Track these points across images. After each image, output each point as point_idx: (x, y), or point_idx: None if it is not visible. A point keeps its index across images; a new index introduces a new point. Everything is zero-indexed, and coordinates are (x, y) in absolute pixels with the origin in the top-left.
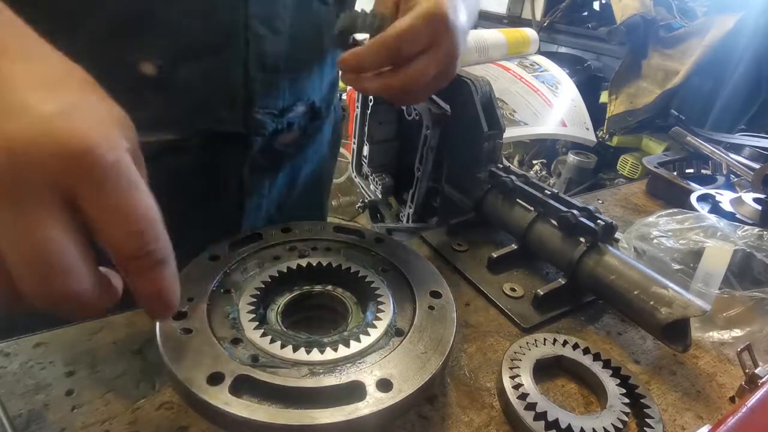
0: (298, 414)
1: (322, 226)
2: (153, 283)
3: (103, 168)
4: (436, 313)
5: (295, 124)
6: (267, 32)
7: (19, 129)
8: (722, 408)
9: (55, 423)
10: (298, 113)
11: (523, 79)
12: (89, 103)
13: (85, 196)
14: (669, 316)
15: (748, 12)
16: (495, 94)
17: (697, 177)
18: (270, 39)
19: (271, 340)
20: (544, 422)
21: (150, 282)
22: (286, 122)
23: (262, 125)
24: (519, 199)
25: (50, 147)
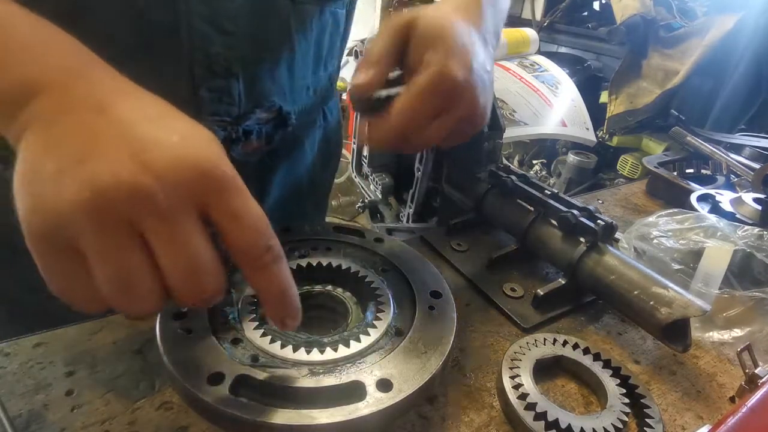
0: (298, 414)
1: (322, 226)
2: (277, 277)
3: (227, 181)
4: (436, 313)
5: (254, 133)
6: (214, 33)
7: (159, 158)
8: (722, 408)
9: (55, 423)
10: (258, 120)
11: (523, 79)
12: (195, 129)
13: (216, 206)
14: (669, 316)
15: (748, 12)
16: (495, 94)
17: (697, 177)
18: (218, 40)
19: (271, 340)
20: (544, 422)
21: (274, 277)
22: (242, 130)
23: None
24: (519, 199)
25: (186, 170)
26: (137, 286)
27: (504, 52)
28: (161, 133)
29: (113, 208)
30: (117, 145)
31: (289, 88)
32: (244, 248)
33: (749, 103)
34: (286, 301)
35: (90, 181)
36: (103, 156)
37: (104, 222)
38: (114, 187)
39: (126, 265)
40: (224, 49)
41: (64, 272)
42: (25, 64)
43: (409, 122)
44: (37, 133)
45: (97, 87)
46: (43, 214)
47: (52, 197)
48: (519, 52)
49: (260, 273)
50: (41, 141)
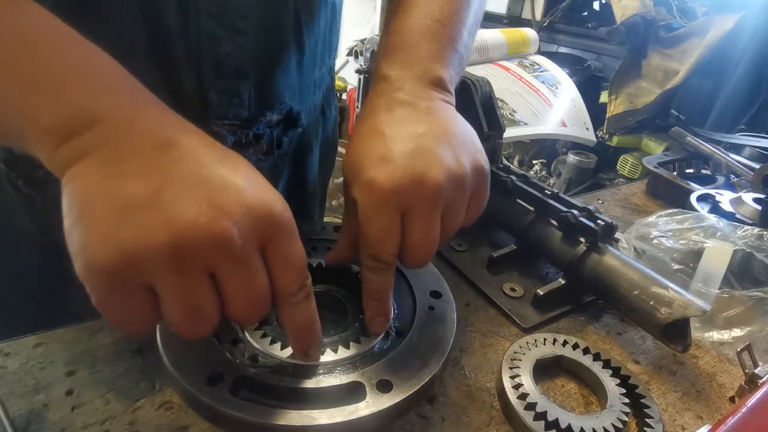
0: (298, 414)
1: (322, 226)
2: (306, 312)
3: (288, 225)
4: (436, 313)
5: (265, 136)
6: (224, 32)
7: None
8: (722, 408)
9: (55, 423)
10: (270, 123)
11: (523, 79)
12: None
13: (273, 247)
14: (669, 316)
15: (748, 12)
16: (495, 94)
17: (697, 177)
18: (228, 40)
19: (271, 341)
20: (544, 422)
21: (304, 311)
22: (252, 134)
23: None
24: (519, 199)
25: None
26: (203, 317)
27: (504, 52)
28: (230, 175)
29: (193, 252)
30: (191, 185)
31: (299, 87)
32: (285, 286)
33: (749, 103)
34: (312, 334)
35: (169, 222)
36: (180, 197)
37: (183, 265)
38: (194, 231)
39: (198, 302)
40: (234, 49)
41: (128, 305)
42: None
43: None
44: (101, 165)
45: (160, 122)
46: (115, 250)
47: (128, 234)
48: (519, 52)
49: (293, 308)
50: (108, 173)
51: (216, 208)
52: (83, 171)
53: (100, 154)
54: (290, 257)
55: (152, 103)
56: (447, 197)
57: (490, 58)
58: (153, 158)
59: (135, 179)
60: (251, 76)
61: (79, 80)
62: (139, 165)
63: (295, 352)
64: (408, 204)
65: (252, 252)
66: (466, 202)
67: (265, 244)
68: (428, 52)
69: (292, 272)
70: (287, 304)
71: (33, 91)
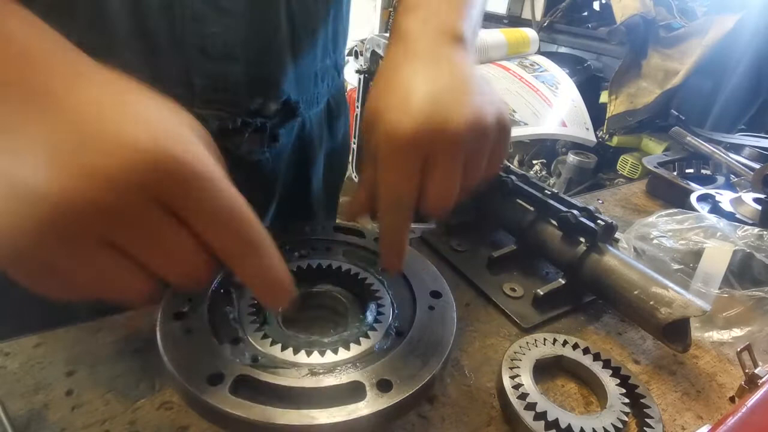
0: (298, 414)
1: (322, 226)
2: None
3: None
4: (436, 313)
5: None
6: (208, 11)
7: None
8: (722, 408)
9: (55, 423)
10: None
11: (523, 79)
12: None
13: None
14: (669, 316)
15: (748, 12)
16: None
17: (697, 177)
18: (213, 20)
19: (271, 342)
20: (544, 422)
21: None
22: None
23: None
24: (519, 199)
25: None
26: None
27: (504, 53)
28: (115, 129)
29: (68, 230)
30: (64, 149)
31: (295, 76)
32: (221, 247)
33: (749, 103)
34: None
35: (35, 203)
36: (52, 165)
37: (70, 241)
38: (60, 207)
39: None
40: (221, 30)
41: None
42: None
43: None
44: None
45: (51, 71)
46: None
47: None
48: (519, 52)
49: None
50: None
51: (86, 175)
52: None
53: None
54: (209, 210)
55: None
56: (468, 147)
57: (490, 58)
58: (27, 114)
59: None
60: (241, 60)
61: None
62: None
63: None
64: (429, 150)
65: (146, 216)
66: (487, 153)
67: (174, 203)
68: (447, 9)
69: (224, 228)
70: (235, 266)
71: None
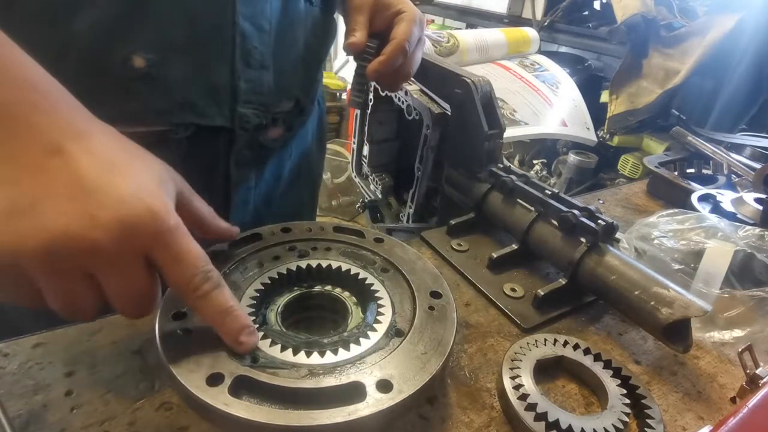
0: (298, 415)
1: (322, 226)
2: (217, 301)
3: (168, 231)
4: (436, 313)
5: (281, 120)
6: (253, 30)
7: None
8: (723, 408)
9: (54, 423)
10: (283, 109)
11: (524, 79)
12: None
13: (157, 253)
14: (670, 317)
15: (748, 12)
16: (495, 93)
17: (698, 177)
18: (256, 37)
19: (271, 342)
20: (544, 423)
21: (214, 301)
22: (271, 118)
23: (247, 120)
24: (519, 199)
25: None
26: (82, 308)
27: (504, 52)
28: (111, 185)
29: (64, 258)
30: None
31: (304, 81)
32: (183, 284)
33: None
34: (234, 321)
35: (43, 230)
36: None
37: (55, 268)
38: (65, 239)
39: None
40: (260, 45)
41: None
42: None
43: (409, 45)
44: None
45: (53, 126)
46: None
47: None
48: (519, 52)
49: (201, 301)
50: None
51: (88, 218)
52: None
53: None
54: (180, 258)
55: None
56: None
57: (491, 57)
58: (36, 165)
59: (16, 186)
60: (271, 69)
61: None
62: (22, 171)
63: (229, 344)
64: None
65: (128, 258)
66: None
67: (147, 250)
68: None
69: (185, 269)
70: (193, 299)
71: None
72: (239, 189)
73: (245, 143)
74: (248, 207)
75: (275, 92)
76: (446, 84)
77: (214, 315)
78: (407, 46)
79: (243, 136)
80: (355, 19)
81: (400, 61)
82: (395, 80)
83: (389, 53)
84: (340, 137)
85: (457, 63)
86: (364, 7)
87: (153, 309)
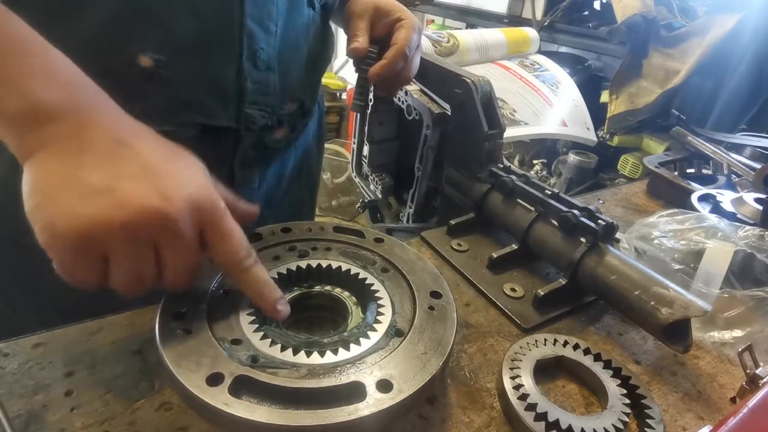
0: (298, 414)
1: (322, 226)
2: (257, 274)
3: (221, 211)
4: (436, 313)
5: (286, 121)
6: (260, 31)
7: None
8: (723, 409)
9: (54, 423)
10: (288, 111)
11: (524, 79)
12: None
13: (210, 229)
14: (670, 317)
15: (748, 12)
16: (495, 93)
17: (698, 177)
18: (262, 38)
19: (271, 342)
20: (544, 423)
21: (257, 275)
22: (277, 119)
23: (253, 120)
24: (519, 199)
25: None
26: (143, 281)
27: (504, 52)
28: (175, 171)
29: (142, 230)
30: (142, 177)
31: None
32: (230, 258)
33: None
34: (272, 291)
35: (124, 206)
36: (133, 186)
37: (133, 240)
38: (144, 214)
39: (141, 269)
40: (266, 47)
41: (84, 269)
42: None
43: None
44: (63, 156)
45: (114, 124)
46: (80, 224)
47: (91, 213)
48: (519, 52)
49: (245, 274)
50: (70, 164)
51: (162, 196)
52: (45, 159)
53: (62, 147)
54: (227, 234)
55: (108, 106)
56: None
57: (491, 57)
58: (109, 154)
59: (94, 170)
60: (276, 70)
61: (44, 80)
62: (97, 159)
63: (266, 313)
64: None
65: (190, 231)
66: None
67: (204, 226)
68: None
69: (232, 244)
70: (238, 272)
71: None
72: (243, 189)
73: (250, 144)
74: None
75: (280, 94)
76: (446, 84)
77: (255, 286)
78: (408, 51)
79: (249, 137)
80: (357, 25)
81: (401, 65)
82: (394, 84)
83: (391, 57)
84: (340, 137)
85: (457, 63)
86: (365, 14)
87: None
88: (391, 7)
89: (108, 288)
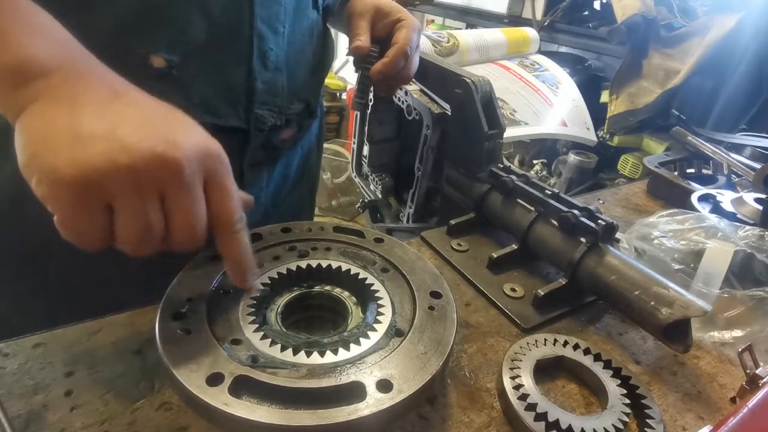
0: (298, 414)
1: (322, 226)
2: (242, 242)
3: (226, 162)
4: (436, 313)
5: (293, 121)
6: (269, 33)
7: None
8: (723, 409)
9: (54, 424)
10: (295, 111)
11: (524, 79)
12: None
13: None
14: (670, 317)
15: (748, 12)
16: (495, 93)
17: (698, 177)
18: (271, 39)
19: (271, 342)
20: (544, 423)
21: (241, 242)
22: (285, 119)
23: (262, 121)
24: (519, 199)
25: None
26: (150, 236)
27: (504, 52)
28: (177, 120)
29: (150, 176)
30: (145, 124)
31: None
32: (226, 218)
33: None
34: (248, 261)
35: (129, 150)
36: (137, 132)
37: (140, 186)
38: (152, 158)
39: (149, 221)
40: (275, 48)
41: (87, 220)
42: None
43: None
44: (58, 105)
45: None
46: (81, 169)
47: (92, 157)
48: (519, 52)
49: (232, 237)
50: (66, 112)
51: (170, 142)
52: (39, 109)
53: (57, 95)
54: (228, 189)
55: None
56: None
57: (491, 57)
58: (107, 101)
59: (93, 116)
60: (284, 71)
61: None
62: (95, 106)
63: (235, 281)
64: None
65: (197, 181)
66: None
67: (208, 177)
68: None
69: (231, 206)
70: (227, 233)
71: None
72: (252, 189)
73: (259, 144)
74: (259, 207)
75: (288, 94)
76: (446, 84)
77: (238, 252)
78: (408, 51)
79: (258, 137)
80: (359, 24)
81: (402, 64)
82: (395, 83)
83: (393, 56)
84: (340, 137)
85: (457, 63)
86: (366, 15)
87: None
88: (391, 8)
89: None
